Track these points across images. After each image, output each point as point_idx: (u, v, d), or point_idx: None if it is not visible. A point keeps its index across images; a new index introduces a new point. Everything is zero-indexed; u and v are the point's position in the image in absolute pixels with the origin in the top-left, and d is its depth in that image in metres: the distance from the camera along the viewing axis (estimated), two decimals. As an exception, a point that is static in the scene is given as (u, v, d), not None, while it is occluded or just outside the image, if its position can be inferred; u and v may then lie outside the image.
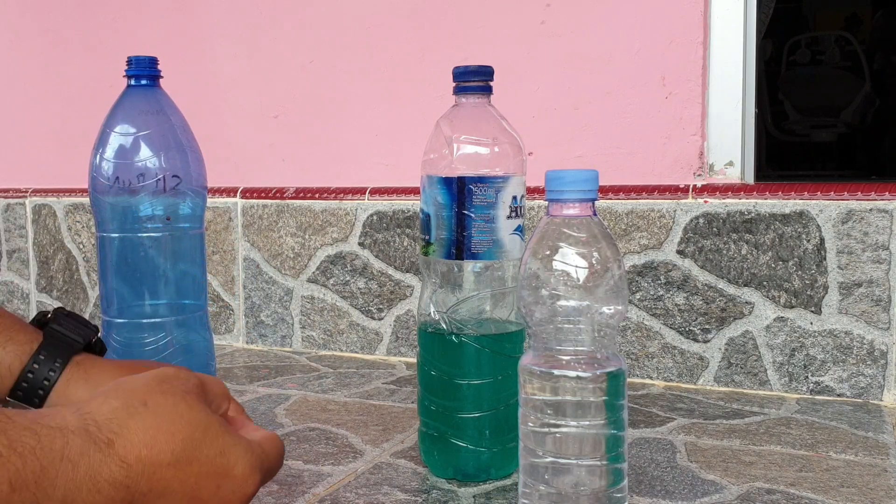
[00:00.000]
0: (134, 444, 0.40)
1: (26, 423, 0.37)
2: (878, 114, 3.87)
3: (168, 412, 0.42)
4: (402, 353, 1.28)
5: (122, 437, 0.40)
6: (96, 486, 0.38)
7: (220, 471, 0.43)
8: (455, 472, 0.76)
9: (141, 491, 0.40)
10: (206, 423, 0.43)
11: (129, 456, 0.40)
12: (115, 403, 0.41)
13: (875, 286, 1.01)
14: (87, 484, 0.38)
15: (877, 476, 0.77)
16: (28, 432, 0.37)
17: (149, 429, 0.41)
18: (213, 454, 0.43)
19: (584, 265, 0.57)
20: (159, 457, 0.41)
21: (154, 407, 0.42)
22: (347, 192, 1.30)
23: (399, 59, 1.30)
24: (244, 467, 0.44)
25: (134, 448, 0.40)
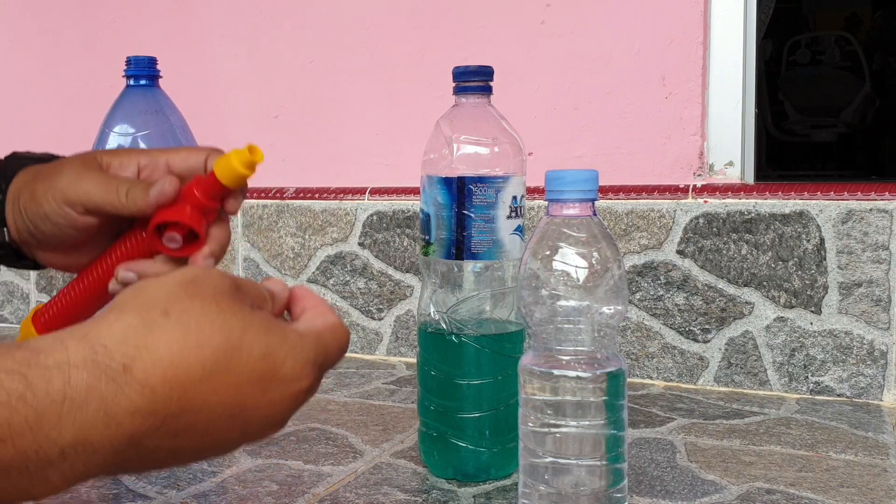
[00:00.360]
0: (156, 364, 0.34)
1: (11, 366, 0.33)
2: (878, 114, 3.87)
3: (195, 319, 0.36)
4: (402, 353, 1.28)
5: (141, 360, 0.34)
6: (114, 420, 0.33)
7: (264, 375, 0.37)
8: (455, 472, 0.76)
9: (172, 413, 0.35)
10: (242, 326, 0.37)
11: (151, 379, 0.34)
12: (129, 319, 0.36)
13: (875, 286, 1.01)
14: (102, 420, 0.33)
15: (877, 476, 0.77)
16: (13, 377, 0.32)
17: (173, 343, 0.35)
18: (255, 358, 0.37)
19: (584, 265, 0.57)
20: (189, 373, 0.35)
21: (178, 315, 0.36)
22: (347, 192, 1.30)
23: (399, 59, 1.30)
24: (293, 365, 0.38)
25: (157, 369, 0.34)
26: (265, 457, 0.84)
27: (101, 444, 0.33)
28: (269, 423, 0.38)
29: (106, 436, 0.33)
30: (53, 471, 0.33)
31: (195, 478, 0.78)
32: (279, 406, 0.38)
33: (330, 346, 0.42)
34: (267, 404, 0.37)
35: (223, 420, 0.36)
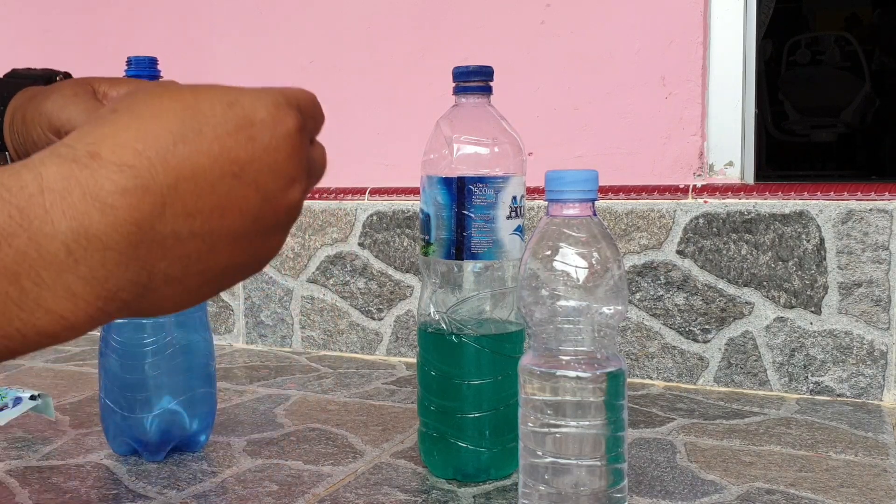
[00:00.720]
0: (122, 145, 0.30)
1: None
2: (878, 114, 3.87)
3: (144, 102, 0.32)
4: (402, 354, 1.28)
5: (105, 145, 0.30)
6: (106, 204, 0.29)
7: (240, 123, 0.33)
8: (455, 473, 0.76)
9: (166, 185, 0.30)
10: (192, 91, 0.33)
11: (124, 157, 0.30)
12: (80, 125, 0.32)
13: (875, 286, 1.01)
14: (93, 206, 0.29)
15: (877, 476, 0.77)
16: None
17: (130, 124, 0.31)
18: (221, 110, 0.33)
19: (584, 265, 0.57)
20: (159, 141, 0.31)
21: (126, 106, 0.32)
22: (347, 192, 1.30)
23: (399, 59, 1.30)
24: (266, 107, 0.34)
25: (125, 148, 0.30)
26: (265, 457, 0.84)
27: (108, 234, 0.29)
28: (281, 177, 0.34)
29: (107, 223, 0.29)
30: (70, 275, 0.29)
31: (195, 478, 0.78)
32: (278, 153, 0.34)
33: (295, 92, 0.37)
34: (263, 153, 0.33)
35: (227, 182, 0.32)
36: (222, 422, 0.95)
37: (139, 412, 0.81)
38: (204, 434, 0.86)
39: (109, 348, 0.82)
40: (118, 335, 0.82)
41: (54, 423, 0.95)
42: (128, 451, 0.84)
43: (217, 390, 0.88)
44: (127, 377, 0.81)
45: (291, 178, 0.34)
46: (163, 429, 0.82)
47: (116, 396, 0.82)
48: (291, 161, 0.34)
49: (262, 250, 0.35)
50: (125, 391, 0.81)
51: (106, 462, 0.83)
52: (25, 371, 1.22)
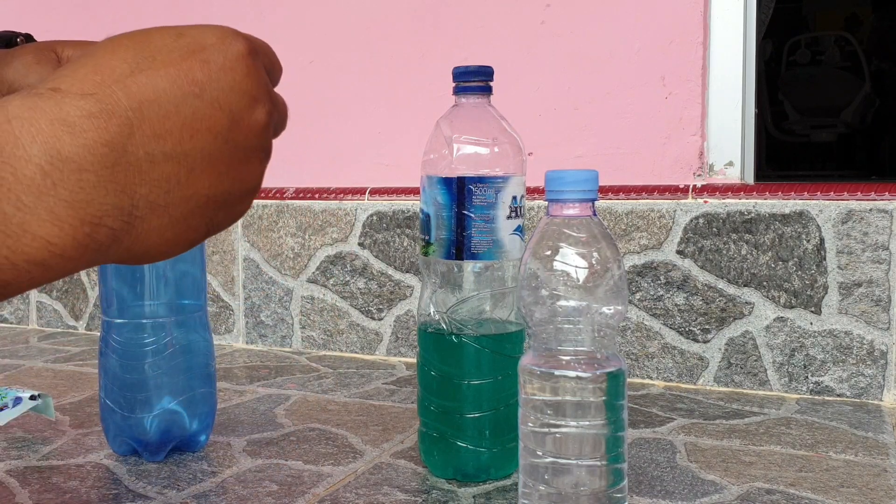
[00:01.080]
0: (81, 78, 0.31)
1: None
2: (877, 114, 3.87)
3: (97, 46, 0.33)
4: (402, 354, 1.28)
5: (65, 81, 0.31)
6: (75, 126, 0.29)
7: (191, 49, 0.33)
8: (455, 473, 0.76)
9: (129, 107, 0.31)
10: (143, 30, 0.34)
11: (84, 87, 0.31)
12: (41, 75, 0.33)
13: (875, 286, 1.01)
14: (62, 129, 0.29)
15: (877, 476, 0.77)
16: None
17: (87, 62, 0.32)
18: (171, 41, 0.33)
19: (584, 265, 0.57)
20: (116, 71, 0.31)
21: (85, 54, 0.33)
22: (347, 192, 1.30)
23: (399, 59, 1.30)
24: (213, 33, 0.34)
25: (84, 81, 0.31)
26: (265, 457, 0.84)
27: (81, 156, 0.29)
28: (242, 95, 0.34)
29: (78, 145, 0.29)
30: (50, 198, 0.29)
31: (195, 478, 0.78)
32: (234, 73, 0.34)
33: (238, 32, 0.37)
34: (220, 72, 0.34)
35: (190, 103, 0.32)
36: (222, 422, 0.95)
37: (139, 412, 0.81)
38: (204, 434, 0.86)
39: (109, 348, 0.82)
40: (118, 335, 0.82)
41: (54, 423, 0.95)
42: (128, 451, 0.84)
43: (217, 390, 0.88)
44: (127, 377, 0.81)
45: (253, 97, 0.35)
46: (163, 429, 0.82)
47: (116, 396, 0.82)
48: (249, 80, 0.34)
49: (240, 176, 0.35)
50: (125, 391, 0.81)
51: (106, 462, 0.83)
52: (25, 371, 1.22)
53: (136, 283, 0.82)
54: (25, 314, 1.59)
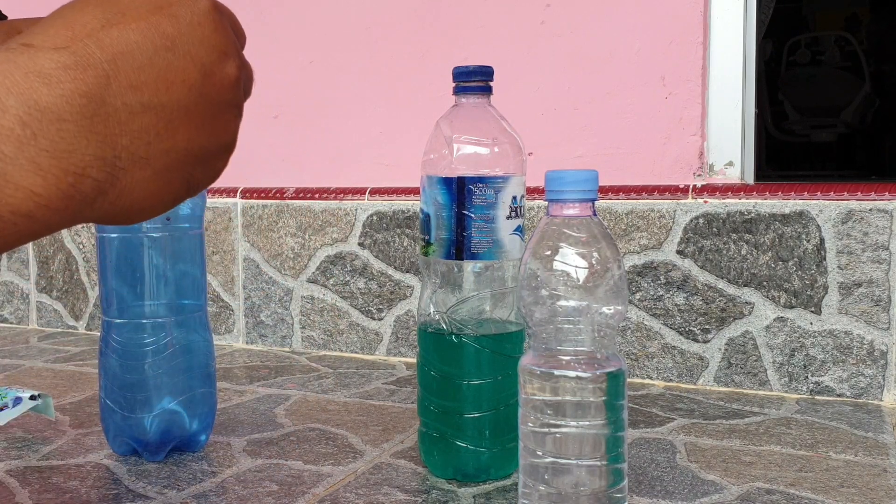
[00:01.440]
0: (53, 35, 0.31)
1: None
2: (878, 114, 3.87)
3: (69, 6, 0.33)
4: (402, 354, 1.28)
5: (37, 37, 0.31)
6: (51, 77, 0.30)
7: (157, 4, 0.34)
8: (455, 473, 0.76)
9: (104, 59, 0.31)
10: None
11: (57, 41, 0.31)
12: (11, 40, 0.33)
13: (875, 286, 1.01)
14: (38, 80, 0.29)
15: (877, 476, 0.77)
16: None
17: (58, 20, 0.32)
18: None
19: (584, 265, 0.57)
20: (88, 26, 0.32)
21: (54, 14, 0.33)
22: (347, 192, 1.30)
23: (399, 59, 1.30)
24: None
25: (57, 37, 0.31)
26: (265, 457, 0.84)
27: (59, 106, 0.30)
28: (212, 49, 0.35)
29: (55, 95, 0.30)
30: (31, 149, 0.29)
31: (195, 478, 0.78)
32: (203, 28, 0.35)
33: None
34: (188, 27, 0.34)
35: (163, 55, 0.33)
36: (222, 422, 0.95)
37: (139, 412, 0.81)
38: (204, 434, 0.86)
39: (109, 348, 0.82)
40: (118, 335, 0.82)
41: (54, 423, 0.95)
42: (128, 451, 0.84)
43: (217, 390, 0.88)
44: (127, 377, 0.81)
45: (222, 52, 0.36)
46: (163, 429, 0.82)
47: (116, 396, 0.82)
48: (218, 34, 0.35)
49: (216, 131, 0.36)
50: (125, 391, 0.81)
51: (106, 462, 0.83)
52: (25, 371, 1.22)
53: (136, 283, 0.82)
54: (25, 314, 1.59)
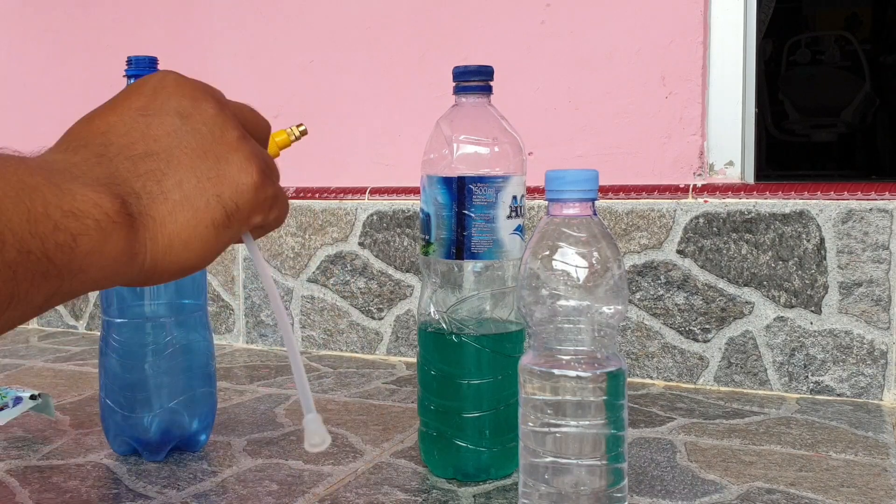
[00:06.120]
0: (68, 141, 0.39)
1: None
2: (878, 114, 3.87)
3: (79, 122, 0.40)
4: (402, 353, 1.28)
5: (61, 146, 0.39)
6: (77, 163, 0.37)
7: (129, 91, 0.41)
8: (455, 472, 0.76)
9: (98, 142, 0.38)
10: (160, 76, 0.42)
11: (68, 145, 0.38)
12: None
13: (875, 286, 1.01)
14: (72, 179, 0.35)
15: (877, 476, 0.77)
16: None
17: (69, 135, 0.39)
18: (118, 96, 0.41)
19: (584, 265, 0.57)
20: (81, 129, 0.39)
21: (70, 131, 0.40)
22: (347, 192, 1.30)
23: (399, 59, 1.30)
24: (152, 77, 0.42)
25: (69, 142, 0.38)
26: (265, 456, 0.84)
27: (89, 169, 0.36)
28: (183, 98, 0.40)
29: (81, 163, 0.37)
30: (82, 179, 0.35)
31: (195, 478, 0.78)
32: (166, 88, 0.41)
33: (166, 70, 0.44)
34: (154, 93, 0.40)
35: (141, 121, 0.39)
36: (222, 421, 0.95)
37: (139, 412, 0.81)
38: (204, 434, 0.86)
39: (110, 348, 0.82)
40: (118, 335, 0.82)
41: (54, 423, 0.95)
42: (128, 451, 0.84)
43: (217, 390, 0.88)
44: (127, 377, 0.81)
45: (193, 98, 0.41)
46: (163, 428, 0.82)
47: (116, 396, 0.82)
48: (183, 87, 0.41)
49: (221, 153, 0.40)
50: (125, 391, 0.81)
51: (106, 462, 0.83)
52: (25, 371, 1.22)
53: (136, 283, 0.82)
54: (25, 314, 1.59)
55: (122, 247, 0.36)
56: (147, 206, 0.37)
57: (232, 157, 0.40)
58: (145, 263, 0.38)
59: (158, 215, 0.37)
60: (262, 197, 0.41)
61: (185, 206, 0.38)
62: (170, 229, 0.38)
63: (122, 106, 0.40)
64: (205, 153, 0.39)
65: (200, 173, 0.39)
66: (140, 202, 0.37)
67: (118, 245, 0.35)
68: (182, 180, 0.38)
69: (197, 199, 0.39)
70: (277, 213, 0.43)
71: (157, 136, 0.39)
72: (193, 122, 0.40)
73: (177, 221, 0.38)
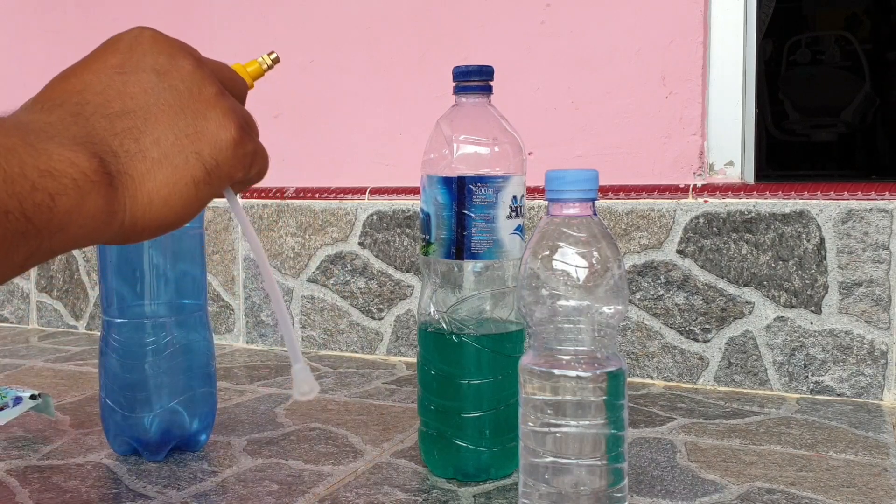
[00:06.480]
0: (43, 99, 0.39)
1: None
2: (878, 114, 3.87)
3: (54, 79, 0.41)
4: (402, 353, 1.28)
5: (38, 100, 0.39)
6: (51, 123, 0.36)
7: (103, 48, 0.41)
8: (455, 472, 0.76)
9: (73, 101, 0.38)
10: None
11: (43, 102, 0.38)
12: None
13: (875, 286, 1.01)
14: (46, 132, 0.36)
15: (877, 476, 0.77)
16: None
17: (46, 91, 0.40)
18: (93, 52, 0.42)
19: (584, 265, 0.57)
20: (56, 86, 0.40)
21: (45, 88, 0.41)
22: (347, 192, 1.30)
23: (399, 59, 1.30)
24: (123, 33, 0.42)
25: (45, 100, 0.39)
26: (265, 456, 0.84)
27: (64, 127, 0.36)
28: (160, 55, 0.40)
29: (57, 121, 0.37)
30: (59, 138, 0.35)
31: (195, 477, 0.78)
32: (142, 45, 0.40)
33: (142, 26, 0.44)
34: (129, 50, 0.40)
35: (117, 79, 0.39)
36: (222, 421, 0.95)
37: (139, 412, 0.81)
38: (204, 434, 0.86)
39: (110, 348, 0.82)
40: (118, 335, 0.82)
41: (54, 423, 0.95)
42: (128, 451, 0.84)
43: (217, 390, 0.88)
44: (127, 377, 0.81)
45: (169, 54, 0.41)
46: (163, 428, 0.82)
47: (117, 396, 0.82)
48: (158, 44, 0.41)
49: (199, 109, 0.40)
50: (125, 391, 0.81)
51: (106, 462, 0.83)
52: (25, 371, 1.22)
53: (136, 283, 0.82)
54: (26, 314, 1.59)
55: (101, 205, 0.36)
56: (125, 165, 0.37)
57: (210, 113, 0.40)
58: (125, 222, 0.37)
59: (137, 173, 0.37)
60: (242, 153, 0.41)
61: (164, 164, 0.38)
62: (149, 187, 0.38)
63: (98, 63, 0.40)
64: (182, 110, 0.39)
65: (178, 130, 0.39)
66: (118, 161, 0.37)
67: (97, 204, 0.35)
68: (160, 138, 0.38)
69: (175, 156, 0.38)
70: (258, 168, 0.43)
71: (134, 94, 0.39)
72: (170, 78, 0.40)
73: (156, 179, 0.38)
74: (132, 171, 0.37)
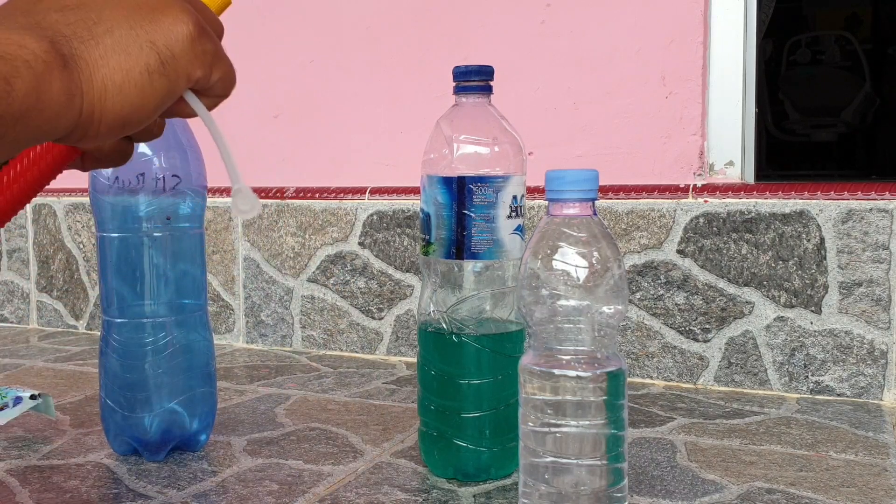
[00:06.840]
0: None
1: None
2: (878, 114, 3.87)
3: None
4: (402, 353, 1.28)
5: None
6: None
7: None
8: (455, 472, 0.76)
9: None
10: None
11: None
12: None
13: (875, 286, 1.01)
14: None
15: (877, 476, 0.77)
16: None
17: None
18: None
19: (584, 265, 0.57)
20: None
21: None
22: (347, 192, 1.30)
23: (399, 59, 1.30)
24: None
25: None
26: (265, 456, 0.84)
27: (11, 18, 0.36)
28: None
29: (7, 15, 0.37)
30: (7, 25, 0.36)
31: (195, 477, 0.78)
32: None
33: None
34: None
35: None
36: (222, 421, 0.95)
37: (139, 412, 0.81)
38: (204, 433, 0.86)
39: (110, 348, 0.82)
40: (118, 334, 0.82)
41: (55, 423, 0.95)
42: (128, 451, 0.84)
43: (217, 390, 0.88)
44: (127, 377, 0.81)
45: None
46: (163, 428, 0.82)
47: (117, 396, 0.82)
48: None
49: (149, 2, 0.40)
50: (125, 391, 0.81)
51: (106, 461, 0.83)
52: (25, 371, 1.22)
53: (136, 283, 0.82)
54: (26, 314, 1.59)
55: (59, 87, 0.36)
56: (77, 49, 0.37)
57: (167, 9, 0.40)
58: (83, 109, 0.37)
59: (91, 58, 0.37)
60: (200, 49, 0.41)
61: (117, 50, 0.38)
62: (102, 73, 0.38)
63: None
64: (138, 6, 0.39)
65: (133, 22, 0.39)
66: (70, 44, 0.37)
67: (54, 85, 0.35)
68: (113, 27, 0.38)
69: (129, 44, 0.38)
70: (221, 73, 0.43)
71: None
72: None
73: (109, 65, 0.38)
74: (86, 55, 0.37)
